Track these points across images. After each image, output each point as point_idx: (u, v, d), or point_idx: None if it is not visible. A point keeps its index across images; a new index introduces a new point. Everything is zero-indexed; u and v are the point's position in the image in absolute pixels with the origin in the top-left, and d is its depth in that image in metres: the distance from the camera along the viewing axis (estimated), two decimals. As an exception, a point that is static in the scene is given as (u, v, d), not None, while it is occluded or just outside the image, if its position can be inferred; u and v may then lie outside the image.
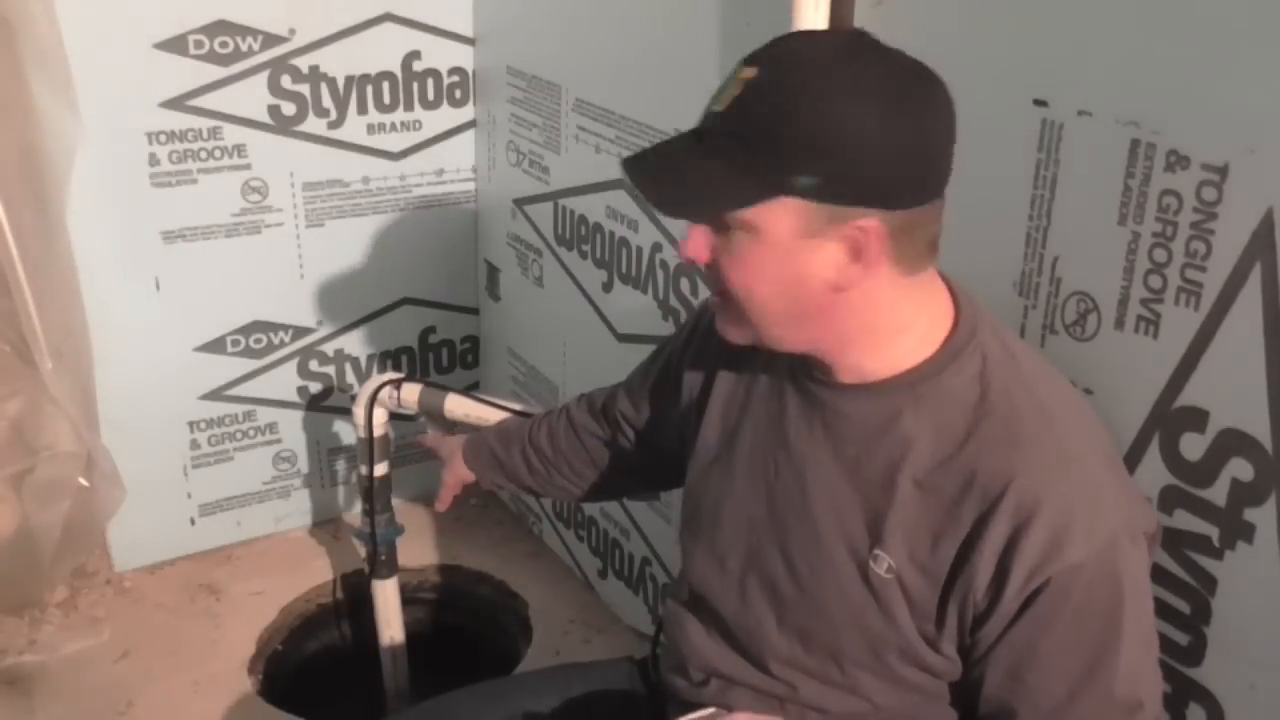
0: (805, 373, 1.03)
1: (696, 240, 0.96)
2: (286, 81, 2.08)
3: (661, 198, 0.95)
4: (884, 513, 0.97)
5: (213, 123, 2.04)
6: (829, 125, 0.87)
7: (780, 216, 0.90)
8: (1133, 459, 1.13)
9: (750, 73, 0.90)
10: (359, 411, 1.91)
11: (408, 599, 2.15)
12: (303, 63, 2.08)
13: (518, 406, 1.84)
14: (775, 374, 1.08)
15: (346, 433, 2.40)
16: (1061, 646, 0.92)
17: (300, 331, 2.28)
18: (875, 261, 0.92)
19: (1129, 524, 0.93)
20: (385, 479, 1.99)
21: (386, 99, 2.19)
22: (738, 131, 0.90)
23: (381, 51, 2.15)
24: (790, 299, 0.94)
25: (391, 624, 2.08)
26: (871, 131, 0.87)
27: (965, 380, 0.96)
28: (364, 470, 1.97)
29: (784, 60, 0.91)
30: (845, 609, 1.00)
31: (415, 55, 2.19)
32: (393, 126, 2.22)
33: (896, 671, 1.00)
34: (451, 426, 1.91)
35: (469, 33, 2.22)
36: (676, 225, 1.77)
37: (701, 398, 1.17)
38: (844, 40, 0.94)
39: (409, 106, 2.22)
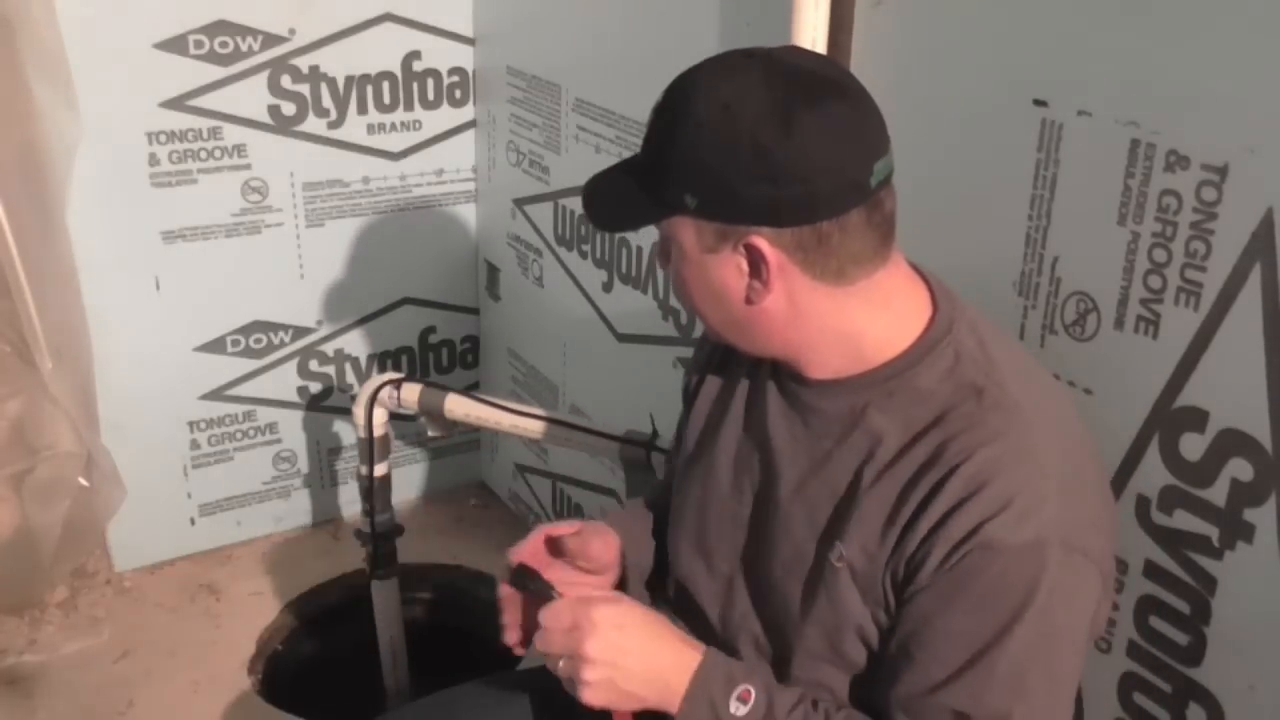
0: (785, 373, 1.05)
1: (660, 247, 1.02)
2: (286, 81, 2.08)
3: (589, 212, 1.06)
4: (848, 506, 0.98)
5: (213, 123, 2.04)
6: (699, 146, 0.91)
7: (684, 232, 0.96)
8: (1133, 459, 1.13)
9: (660, 99, 0.97)
10: (359, 411, 1.91)
11: (408, 599, 2.15)
12: (303, 63, 2.08)
13: (518, 407, 1.84)
14: (758, 373, 1.09)
15: (346, 433, 2.40)
16: (950, 632, 0.91)
17: (300, 331, 2.28)
18: (780, 276, 0.93)
19: (1067, 534, 0.91)
20: (385, 479, 1.99)
21: (386, 99, 2.19)
22: (645, 152, 0.98)
23: (381, 51, 2.15)
24: (717, 307, 0.99)
25: (391, 624, 2.08)
26: (731, 153, 0.90)
27: (936, 376, 0.96)
28: (364, 470, 1.97)
29: (677, 84, 0.96)
30: (803, 601, 1.01)
31: (415, 55, 2.19)
32: (393, 126, 2.22)
33: (854, 661, 1.00)
34: (451, 426, 1.91)
35: (469, 33, 2.22)
36: (676, 225, 1.77)
37: (690, 398, 1.18)
38: (732, 60, 0.94)
39: (409, 106, 2.22)
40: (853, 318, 0.97)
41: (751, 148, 0.89)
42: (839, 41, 1.40)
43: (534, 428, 1.80)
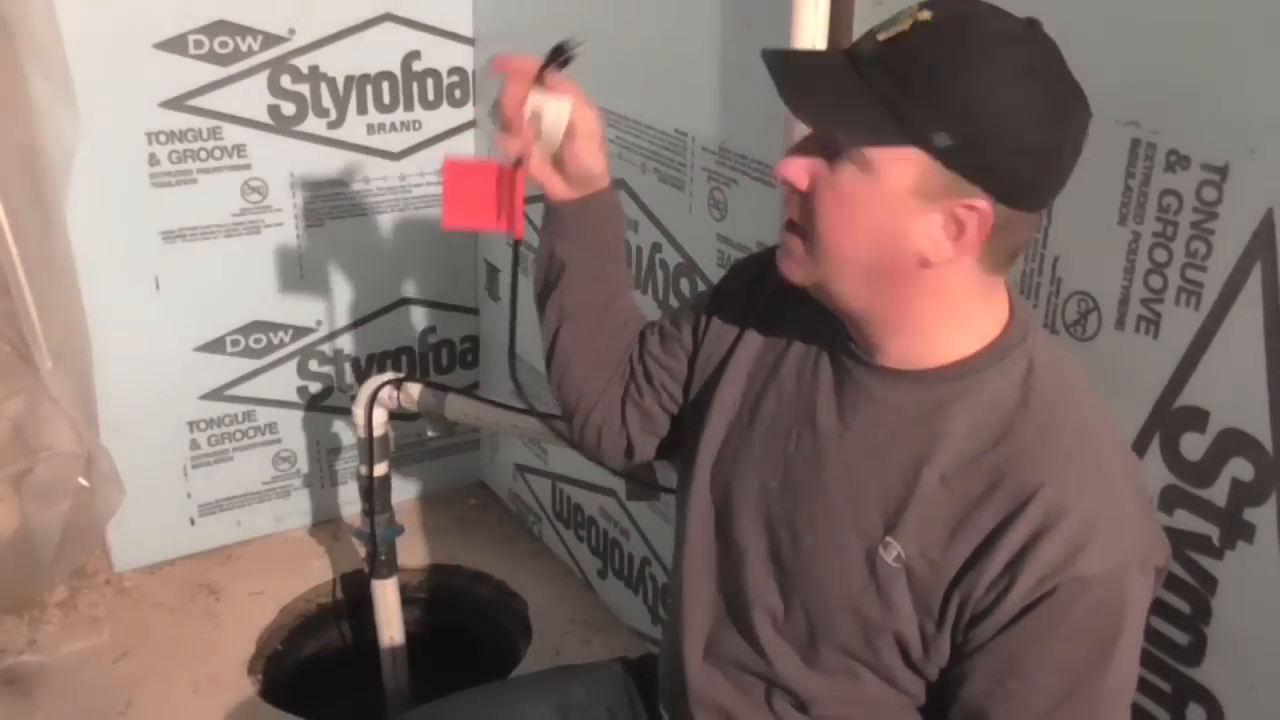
0: (845, 349, 1.02)
1: (799, 164, 0.93)
2: (286, 81, 2.08)
3: (803, 103, 0.92)
4: (903, 503, 0.96)
5: (213, 123, 2.04)
6: (986, 94, 0.86)
7: (904, 167, 0.88)
8: (1133, 459, 1.13)
9: (926, 15, 0.88)
10: (359, 411, 1.91)
11: (408, 599, 2.15)
12: (303, 63, 2.08)
13: (519, 406, 1.84)
14: (811, 345, 1.07)
15: (346, 433, 2.40)
16: (1050, 661, 0.91)
17: (300, 331, 2.28)
18: (968, 248, 0.91)
19: (1144, 555, 0.92)
20: (385, 479, 1.99)
21: (386, 99, 2.19)
22: (896, 69, 0.87)
23: (381, 51, 2.15)
24: (878, 253, 0.92)
25: (391, 624, 2.08)
26: (1021, 117, 0.87)
27: (1009, 382, 0.95)
28: (364, 470, 1.97)
29: (964, 16, 0.89)
30: (843, 591, 0.99)
31: (415, 55, 2.19)
32: (393, 126, 2.22)
33: (884, 661, 0.99)
34: (451, 427, 1.91)
35: (469, 33, 2.22)
36: (677, 225, 1.78)
37: (726, 355, 1.14)
38: (1024, 27, 0.90)
39: (409, 106, 2.22)
40: (966, 308, 0.96)
41: (1033, 119, 0.87)
42: (839, 41, 1.39)
43: (534, 428, 1.80)
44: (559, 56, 1.08)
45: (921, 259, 0.91)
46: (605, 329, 1.23)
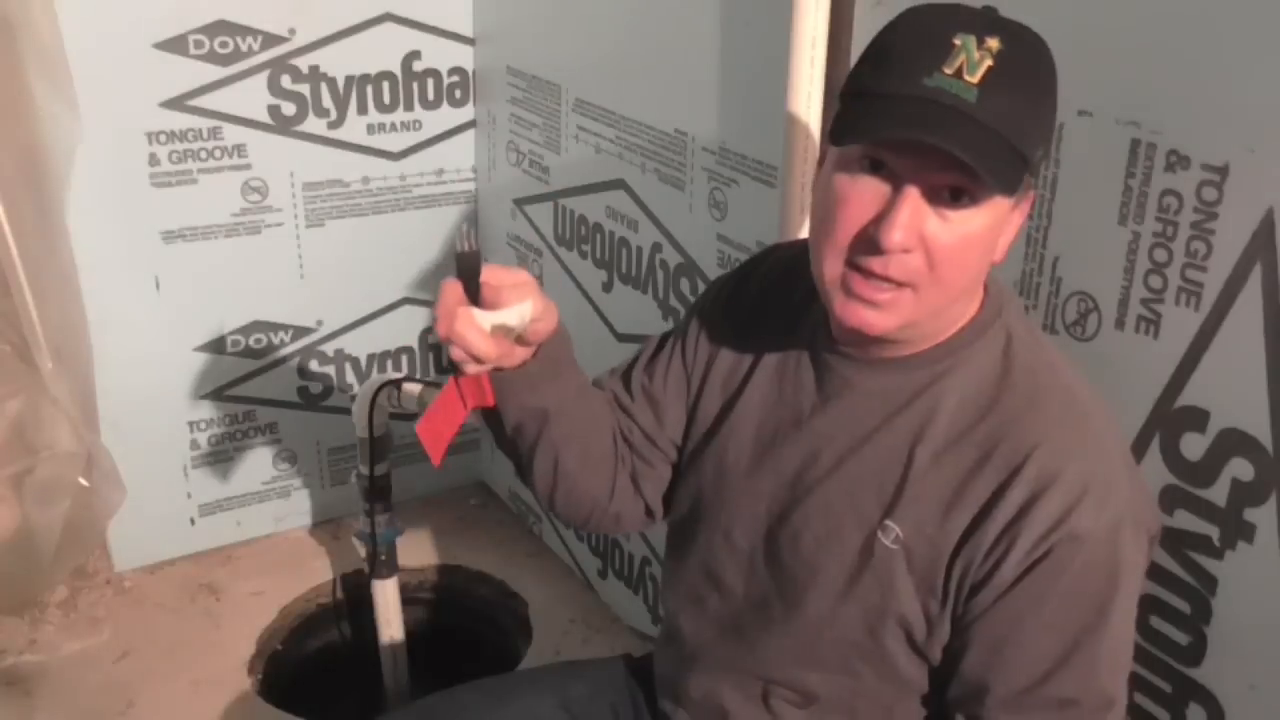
0: (827, 348, 1.03)
1: (909, 226, 0.88)
2: (286, 81, 2.08)
3: (984, 162, 0.85)
4: (898, 485, 0.97)
5: (213, 123, 2.04)
6: (1053, 100, 0.92)
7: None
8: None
9: (996, 44, 0.86)
10: (359, 412, 1.91)
11: (408, 599, 2.15)
12: (303, 63, 2.08)
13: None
14: (789, 348, 1.08)
15: (346, 433, 2.40)
16: (1048, 624, 0.92)
17: (300, 331, 2.28)
18: (1015, 233, 0.96)
19: (1135, 514, 0.94)
20: (385, 479, 1.99)
21: (386, 99, 2.19)
22: (1001, 107, 0.86)
23: (381, 51, 2.15)
24: (980, 271, 0.96)
25: (391, 624, 2.09)
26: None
27: (990, 356, 0.97)
28: (364, 470, 1.97)
29: (1021, 33, 0.90)
30: (845, 581, 1.00)
31: (415, 55, 2.19)
32: (393, 126, 2.22)
33: (887, 649, 1.00)
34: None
35: (469, 33, 2.22)
36: (676, 224, 1.78)
37: (705, 373, 1.15)
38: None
39: (409, 106, 2.22)
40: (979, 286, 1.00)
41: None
42: (839, 41, 1.40)
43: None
44: (469, 267, 0.97)
45: (992, 259, 0.95)
46: (595, 435, 1.18)
